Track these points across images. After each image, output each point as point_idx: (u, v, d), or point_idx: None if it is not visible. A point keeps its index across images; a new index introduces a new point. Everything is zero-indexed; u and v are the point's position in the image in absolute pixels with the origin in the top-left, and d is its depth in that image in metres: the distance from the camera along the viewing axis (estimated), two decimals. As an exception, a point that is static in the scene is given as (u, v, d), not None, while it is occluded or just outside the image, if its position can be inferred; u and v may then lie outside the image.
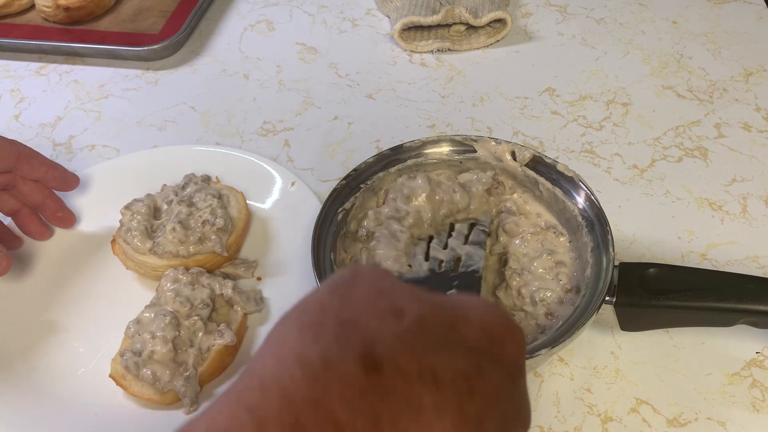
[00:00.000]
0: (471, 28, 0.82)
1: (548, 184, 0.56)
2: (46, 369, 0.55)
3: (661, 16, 0.86)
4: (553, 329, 0.49)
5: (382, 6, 0.89)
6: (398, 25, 0.81)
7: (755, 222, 0.63)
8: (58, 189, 0.63)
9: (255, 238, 0.63)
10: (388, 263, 0.51)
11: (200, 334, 0.53)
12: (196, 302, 0.55)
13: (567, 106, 0.75)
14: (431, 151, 0.59)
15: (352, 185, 0.57)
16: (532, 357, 0.45)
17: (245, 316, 0.57)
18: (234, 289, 0.57)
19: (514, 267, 0.54)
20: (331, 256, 0.53)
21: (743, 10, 0.86)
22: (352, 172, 0.57)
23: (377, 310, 0.27)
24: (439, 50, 0.83)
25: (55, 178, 0.62)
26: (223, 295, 0.56)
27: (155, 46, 0.83)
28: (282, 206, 0.65)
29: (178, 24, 0.86)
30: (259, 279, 0.60)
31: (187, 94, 0.81)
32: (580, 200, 0.54)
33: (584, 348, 0.55)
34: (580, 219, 0.53)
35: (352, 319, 0.26)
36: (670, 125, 0.72)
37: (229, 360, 0.54)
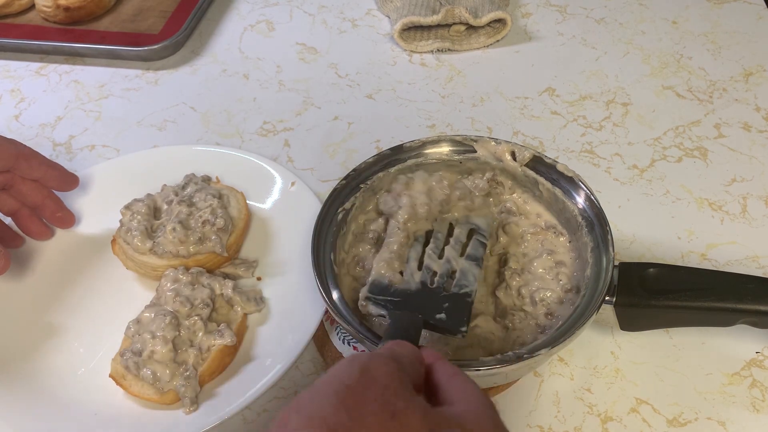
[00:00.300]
0: (471, 28, 0.82)
1: (548, 184, 0.56)
2: (46, 369, 0.55)
3: (661, 16, 0.86)
4: (553, 329, 0.49)
5: (382, 6, 0.89)
6: (398, 25, 0.81)
7: (755, 222, 0.63)
8: (57, 189, 0.63)
9: (255, 238, 0.63)
10: (382, 269, 0.50)
11: (200, 334, 0.53)
12: (196, 302, 0.55)
13: (567, 106, 0.75)
14: (431, 151, 0.59)
15: (352, 185, 0.57)
16: (532, 357, 0.45)
17: (245, 316, 0.57)
18: (234, 289, 0.57)
19: (514, 267, 0.54)
20: (331, 256, 0.53)
21: (743, 10, 0.86)
22: (352, 172, 0.57)
23: None
24: (439, 50, 0.83)
25: (55, 178, 0.62)
26: (223, 295, 0.56)
27: (155, 46, 0.83)
28: (282, 206, 0.65)
29: (178, 24, 0.86)
30: (259, 279, 0.60)
31: (187, 94, 0.81)
32: (580, 200, 0.54)
33: (584, 348, 0.55)
34: (580, 219, 0.53)
35: None
36: (670, 125, 0.72)
37: (229, 360, 0.54)
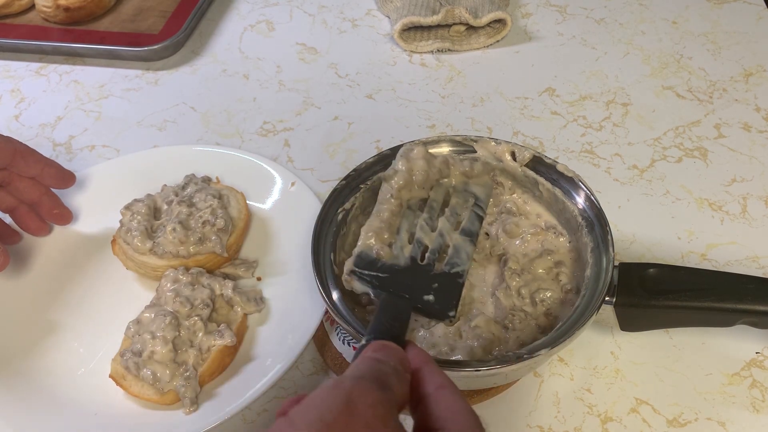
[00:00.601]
0: (471, 28, 0.82)
1: (548, 185, 0.56)
2: (46, 369, 0.55)
3: (661, 16, 0.86)
4: (553, 329, 0.48)
5: (382, 6, 0.89)
6: (398, 26, 0.81)
7: (755, 222, 0.63)
8: (54, 186, 0.63)
9: (255, 238, 0.63)
10: (370, 239, 0.47)
11: (200, 335, 0.53)
12: (196, 302, 0.55)
13: (567, 107, 0.75)
14: (431, 151, 0.59)
15: (352, 185, 0.57)
16: (532, 357, 0.45)
17: (245, 316, 0.57)
18: (234, 289, 0.57)
19: (514, 267, 0.54)
20: (331, 256, 0.53)
21: (743, 10, 0.86)
22: (352, 172, 0.57)
23: None
24: (439, 50, 0.83)
25: (51, 175, 0.62)
26: (223, 295, 0.56)
27: (155, 47, 0.83)
28: (282, 206, 0.65)
29: (178, 24, 0.86)
30: (259, 279, 0.60)
31: (187, 94, 0.81)
32: (580, 200, 0.54)
33: (584, 348, 0.55)
34: (579, 219, 0.53)
35: None
36: (670, 125, 0.72)
37: (229, 360, 0.54)
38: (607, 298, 0.49)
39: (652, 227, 0.63)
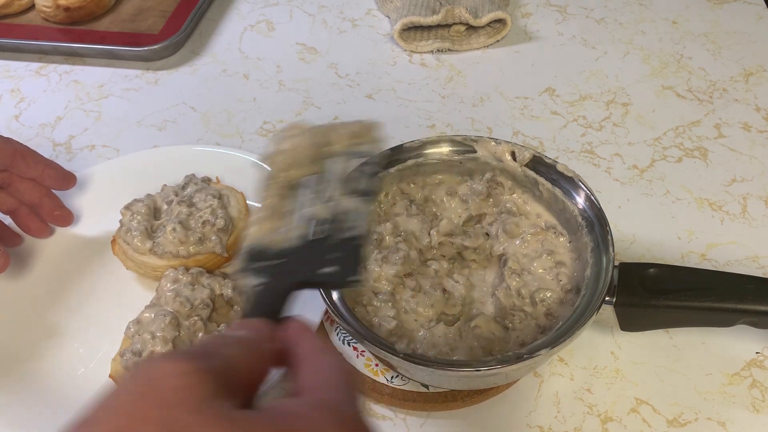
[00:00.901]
0: (471, 28, 0.82)
1: (548, 185, 0.56)
2: (46, 369, 0.55)
3: (661, 16, 0.86)
4: (553, 329, 0.48)
5: (382, 6, 0.89)
6: (398, 25, 0.81)
7: (755, 222, 0.63)
8: (55, 188, 0.63)
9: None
10: (256, 233, 0.43)
11: (200, 335, 0.53)
12: (196, 302, 0.55)
13: (567, 106, 0.75)
14: (431, 151, 0.59)
15: (352, 185, 0.57)
16: (532, 357, 0.45)
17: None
18: (234, 289, 0.57)
19: (514, 267, 0.54)
20: (331, 256, 0.53)
21: (743, 10, 0.86)
22: (352, 172, 0.57)
23: None
24: (439, 50, 0.83)
25: (52, 176, 0.62)
26: (223, 295, 0.56)
27: (155, 46, 0.83)
28: (282, 206, 0.65)
29: (178, 24, 0.86)
30: (259, 279, 0.60)
31: (187, 94, 0.81)
32: (580, 200, 0.54)
33: (584, 348, 0.55)
34: (580, 219, 0.53)
35: None
36: (670, 125, 0.72)
37: (229, 360, 0.54)
38: (607, 298, 0.49)
39: (652, 227, 0.63)
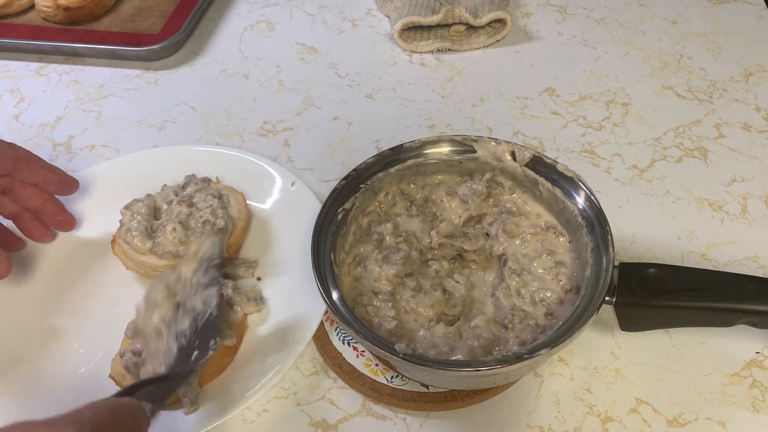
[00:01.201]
0: (471, 28, 0.82)
1: (548, 185, 0.56)
2: (47, 369, 0.55)
3: (661, 16, 0.86)
4: (553, 329, 0.48)
5: (382, 6, 0.89)
6: (398, 25, 0.81)
7: (755, 222, 0.63)
8: (57, 193, 0.63)
9: (255, 238, 0.63)
10: (149, 368, 0.50)
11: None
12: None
13: (567, 106, 0.75)
14: (431, 151, 0.59)
15: (352, 185, 0.57)
16: (532, 357, 0.45)
17: (245, 316, 0.57)
18: (234, 289, 0.57)
19: (514, 267, 0.54)
20: (331, 256, 0.53)
21: (743, 10, 0.86)
22: (352, 172, 0.57)
23: None
24: (439, 50, 0.83)
25: (54, 182, 0.62)
26: (223, 295, 0.56)
27: (155, 46, 0.83)
28: (282, 206, 0.65)
29: (178, 24, 0.86)
30: (259, 279, 0.60)
31: (187, 94, 0.81)
32: (580, 200, 0.54)
33: (584, 348, 0.55)
34: (580, 219, 0.53)
35: None
36: (670, 125, 0.72)
37: (229, 360, 0.54)
38: (607, 298, 0.49)
39: (652, 227, 0.63)
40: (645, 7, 0.88)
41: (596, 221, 0.52)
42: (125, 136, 0.76)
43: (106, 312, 0.59)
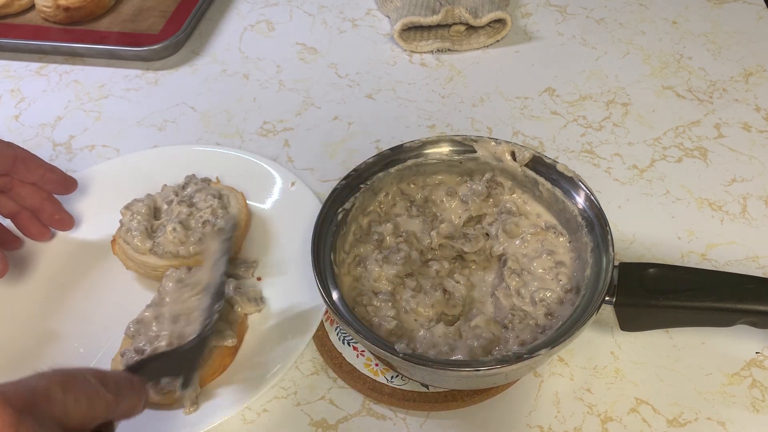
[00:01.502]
0: (471, 28, 0.82)
1: (548, 185, 0.56)
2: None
3: (661, 16, 0.86)
4: (553, 329, 0.49)
5: (382, 6, 0.89)
6: (398, 26, 0.81)
7: (755, 222, 0.63)
8: (55, 192, 0.63)
9: (255, 238, 0.63)
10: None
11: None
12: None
13: (567, 106, 0.75)
14: (431, 151, 0.59)
15: (352, 185, 0.57)
16: (532, 357, 0.45)
17: (245, 316, 0.57)
18: (234, 289, 0.57)
19: (514, 267, 0.54)
20: (331, 256, 0.53)
21: (743, 10, 0.86)
22: (352, 172, 0.57)
23: None
24: (439, 50, 0.83)
25: (52, 181, 0.62)
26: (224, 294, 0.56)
27: (155, 46, 0.83)
28: (282, 206, 0.65)
29: (178, 24, 0.86)
30: (259, 279, 0.60)
31: (187, 94, 0.81)
32: (580, 200, 0.54)
33: (584, 348, 0.55)
34: (580, 219, 0.53)
35: None
36: (670, 125, 0.72)
37: (229, 360, 0.54)
38: (607, 298, 0.49)
39: (652, 227, 0.63)
40: (645, 7, 0.88)
41: (596, 221, 0.52)
42: (125, 136, 0.76)
43: (106, 312, 0.59)
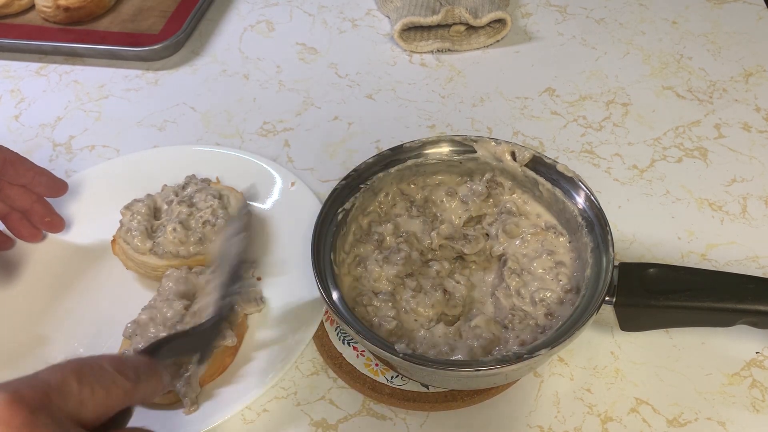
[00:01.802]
0: (471, 28, 0.82)
1: (548, 185, 0.56)
2: (46, 369, 0.55)
3: (661, 16, 0.86)
4: (553, 329, 0.49)
5: (382, 6, 0.89)
6: (398, 26, 0.81)
7: (755, 222, 0.63)
8: (45, 195, 0.63)
9: (255, 238, 0.63)
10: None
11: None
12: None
13: (567, 106, 0.75)
14: (431, 151, 0.59)
15: (352, 185, 0.57)
16: (532, 357, 0.45)
17: (245, 316, 0.57)
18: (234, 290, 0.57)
19: (514, 267, 0.54)
20: (331, 256, 0.53)
21: (743, 10, 0.86)
22: (352, 172, 0.57)
23: None
24: (439, 50, 0.83)
25: (42, 183, 0.62)
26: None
27: (155, 47, 0.83)
28: (282, 206, 0.65)
29: (178, 24, 0.86)
30: (259, 279, 0.60)
31: (187, 94, 0.81)
32: (580, 200, 0.54)
33: (584, 348, 0.55)
34: (580, 219, 0.53)
35: None
36: (670, 125, 0.72)
37: (229, 360, 0.54)
38: (607, 298, 0.49)
39: (652, 227, 0.63)
40: (645, 7, 0.88)
41: (596, 221, 0.52)
42: (125, 136, 0.76)
43: (106, 312, 0.59)
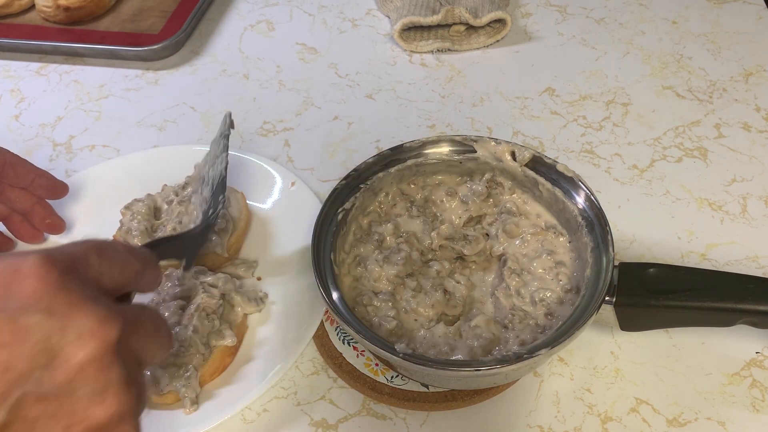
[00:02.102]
0: (471, 28, 0.82)
1: (548, 185, 0.56)
2: (46, 369, 0.55)
3: (661, 16, 0.86)
4: (553, 329, 0.49)
5: (382, 6, 0.89)
6: (398, 26, 0.81)
7: (755, 222, 0.63)
8: (46, 197, 0.63)
9: (255, 238, 0.63)
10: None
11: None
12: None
13: (567, 106, 0.75)
14: (431, 151, 0.59)
15: (352, 185, 0.57)
16: (532, 357, 0.45)
17: (245, 316, 0.57)
18: (234, 289, 0.57)
19: (514, 267, 0.54)
20: (331, 256, 0.53)
21: (743, 10, 0.86)
22: (352, 172, 0.57)
23: None
24: (439, 50, 0.83)
25: (42, 185, 0.62)
26: (224, 294, 0.56)
27: (155, 46, 0.83)
28: (282, 206, 0.65)
29: (178, 24, 0.86)
30: (259, 279, 0.60)
31: (187, 94, 0.81)
32: (580, 200, 0.54)
33: (584, 348, 0.55)
34: (579, 219, 0.53)
35: None
36: (670, 125, 0.72)
37: (230, 360, 0.54)
38: (607, 298, 0.49)
39: (652, 227, 0.63)
40: (645, 7, 0.88)
41: (596, 221, 0.52)
42: (125, 136, 0.76)
43: (106, 312, 0.59)
